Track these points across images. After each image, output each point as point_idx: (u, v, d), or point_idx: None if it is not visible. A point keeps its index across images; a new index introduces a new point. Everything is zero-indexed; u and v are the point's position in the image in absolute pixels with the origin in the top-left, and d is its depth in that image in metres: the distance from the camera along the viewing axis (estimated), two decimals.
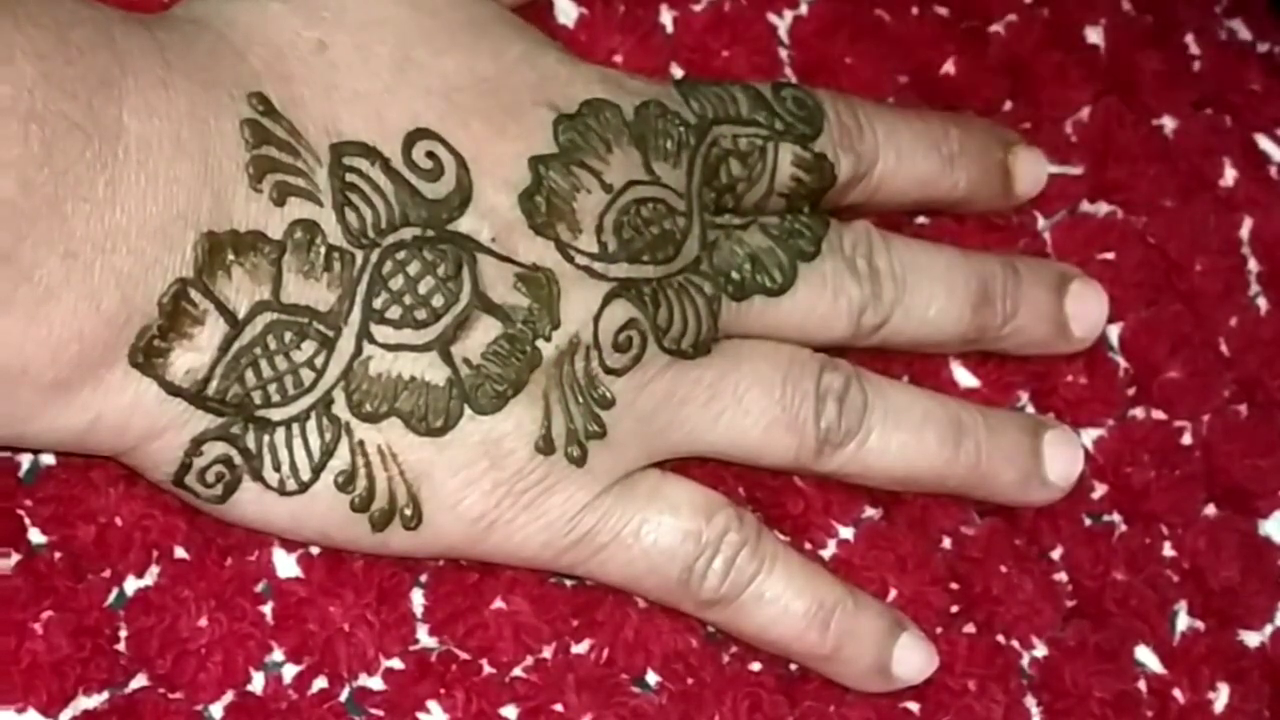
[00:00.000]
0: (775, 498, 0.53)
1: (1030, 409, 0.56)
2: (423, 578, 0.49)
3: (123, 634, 0.47)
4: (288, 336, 0.45)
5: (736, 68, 0.56)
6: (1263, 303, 0.59)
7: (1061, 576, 0.54)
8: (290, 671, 0.48)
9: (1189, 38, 0.63)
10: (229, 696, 0.47)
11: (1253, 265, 0.59)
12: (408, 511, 0.47)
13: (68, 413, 0.43)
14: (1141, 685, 0.53)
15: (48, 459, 0.48)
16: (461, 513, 0.47)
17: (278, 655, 0.48)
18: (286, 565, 0.48)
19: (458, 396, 0.46)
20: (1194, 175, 0.60)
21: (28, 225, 0.41)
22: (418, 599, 0.49)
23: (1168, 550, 0.55)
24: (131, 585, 0.47)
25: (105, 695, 0.46)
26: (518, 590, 0.49)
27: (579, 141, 0.48)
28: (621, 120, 0.49)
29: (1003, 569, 0.53)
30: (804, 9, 0.59)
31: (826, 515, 0.53)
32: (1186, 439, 0.57)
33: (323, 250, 0.45)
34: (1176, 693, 0.54)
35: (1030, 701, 0.53)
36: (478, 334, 0.47)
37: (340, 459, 0.46)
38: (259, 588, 0.48)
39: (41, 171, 0.41)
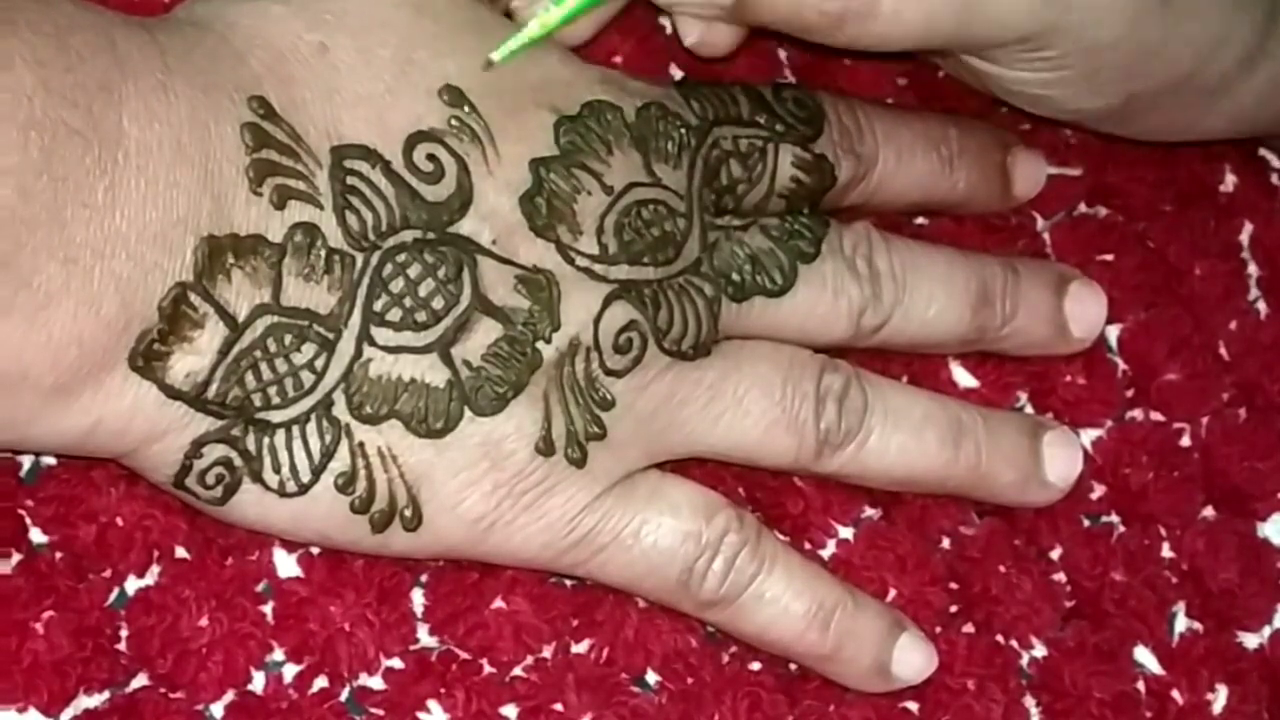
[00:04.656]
0: (775, 498, 0.53)
1: (1029, 409, 0.56)
2: (423, 577, 0.49)
3: (124, 633, 0.47)
4: (288, 339, 0.45)
5: (736, 69, 0.55)
6: (1262, 307, 0.59)
7: (1060, 577, 0.54)
8: (291, 671, 0.48)
9: None
10: (230, 696, 0.47)
11: (1253, 270, 0.59)
12: (407, 513, 0.47)
13: (68, 416, 0.43)
14: (1140, 686, 0.53)
15: (49, 459, 0.48)
16: (461, 514, 0.47)
17: (278, 655, 0.48)
18: (287, 565, 0.48)
19: (458, 398, 0.47)
20: (1194, 180, 0.60)
21: (27, 232, 0.41)
22: (418, 599, 0.49)
23: (1166, 551, 0.55)
24: (132, 585, 0.47)
25: (106, 695, 0.46)
26: (518, 590, 0.50)
27: (580, 143, 0.48)
28: (623, 122, 0.49)
29: (1002, 569, 0.53)
30: None
31: (826, 515, 0.53)
32: (1185, 441, 0.57)
33: (323, 253, 0.45)
34: (1175, 694, 0.54)
35: (1029, 701, 0.53)
36: (478, 336, 0.47)
37: (340, 461, 0.46)
38: (260, 587, 0.48)
39: (41, 178, 0.41)
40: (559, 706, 0.49)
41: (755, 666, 0.51)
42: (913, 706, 0.52)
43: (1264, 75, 0.53)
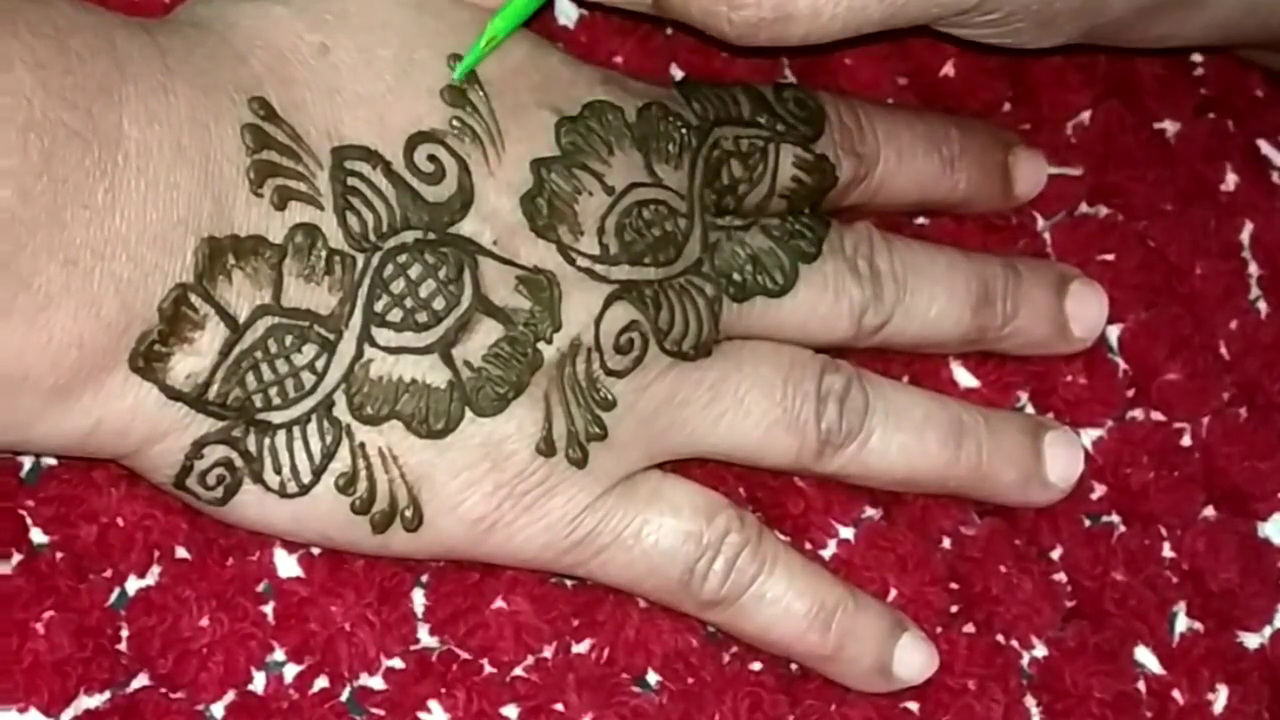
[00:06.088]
0: (776, 498, 0.53)
1: (1030, 409, 0.56)
2: (424, 577, 0.49)
3: (124, 634, 0.47)
4: (288, 340, 0.45)
5: (736, 69, 0.56)
6: (1263, 306, 0.59)
7: (1061, 577, 0.54)
8: (291, 671, 0.48)
9: None
10: (230, 696, 0.47)
11: (1253, 269, 0.59)
12: (408, 513, 0.47)
13: (69, 418, 0.43)
14: (1141, 686, 0.54)
15: (49, 459, 0.48)
16: (462, 514, 0.47)
17: (279, 655, 0.48)
18: (288, 565, 0.48)
19: (459, 399, 0.47)
20: (1195, 179, 0.60)
21: (27, 234, 0.41)
22: (419, 599, 0.49)
23: (1167, 551, 0.55)
24: (133, 585, 0.47)
25: (107, 695, 0.46)
26: (519, 590, 0.50)
27: (581, 144, 0.48)
28: (624, 122, 0.49)
29: (1002, 569, 0.54)
30: None
31: (827, 515, 0.53)
32: (1186, 440, 0.57)
33: (323, 254, 0.45)
34: (1176, 694, 0.54)
35: (1030, 701, 0.53)
36: (479, 336, 0.47)
37: (341, 461, 0.46)
38: (260, 588, 0.48)
39: (40, 180, 0.41)
40: (560, 706, 0.49)
41: (756, 666, 0.51)
42: (913, 706, 0.52)
43: None
